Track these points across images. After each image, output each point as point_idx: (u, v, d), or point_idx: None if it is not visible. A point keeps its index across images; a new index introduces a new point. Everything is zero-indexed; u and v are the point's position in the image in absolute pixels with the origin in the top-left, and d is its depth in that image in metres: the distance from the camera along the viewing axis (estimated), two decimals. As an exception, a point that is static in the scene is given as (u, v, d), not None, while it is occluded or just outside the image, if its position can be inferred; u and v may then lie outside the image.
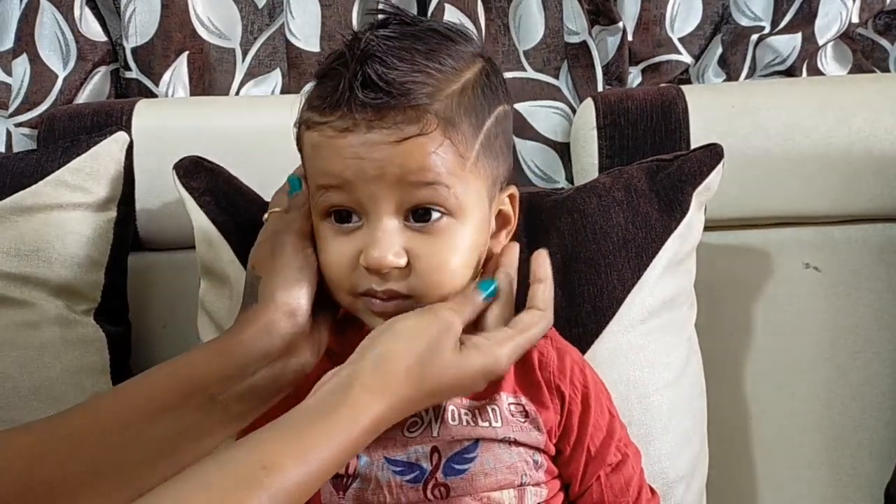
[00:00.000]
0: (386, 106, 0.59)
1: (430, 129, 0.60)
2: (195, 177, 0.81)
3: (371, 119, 0.59)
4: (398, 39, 0.62)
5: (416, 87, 0.60)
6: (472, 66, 0.65)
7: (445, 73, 0.62)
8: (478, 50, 0.67)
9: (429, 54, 0.62)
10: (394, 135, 0.59)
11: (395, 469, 0.63)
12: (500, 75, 0.68)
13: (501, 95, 0.67)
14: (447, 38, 0.64)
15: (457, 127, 0.61)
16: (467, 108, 0.62)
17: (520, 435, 0.65)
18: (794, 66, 1.05)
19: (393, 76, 0.59)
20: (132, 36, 1.03)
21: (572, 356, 0.69)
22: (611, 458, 0.68)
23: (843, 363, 0.96)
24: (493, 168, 0.64)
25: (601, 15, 1.04)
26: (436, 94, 0.61)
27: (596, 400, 0.68)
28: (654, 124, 0.93)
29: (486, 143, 0.63)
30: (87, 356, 0.84)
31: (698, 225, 0.83)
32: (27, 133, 1.02)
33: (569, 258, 0.79)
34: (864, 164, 0.93)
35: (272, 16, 1.07)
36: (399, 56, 0.61)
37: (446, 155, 0.61)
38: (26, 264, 0.82)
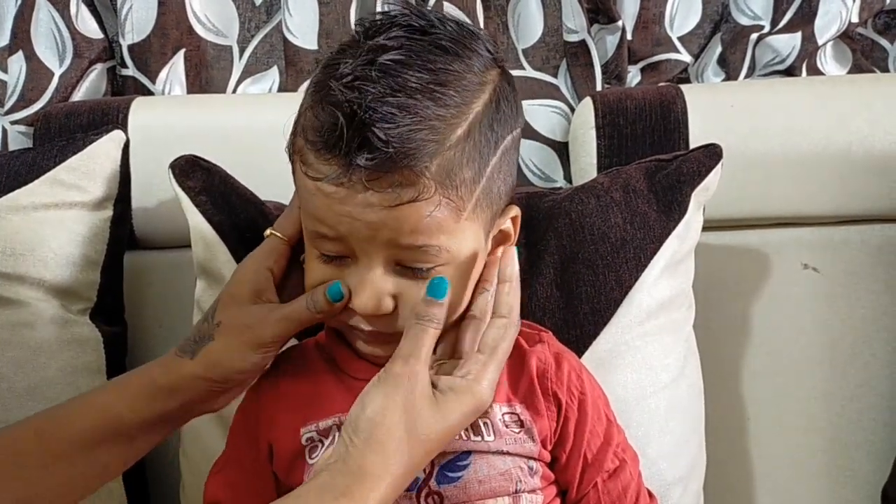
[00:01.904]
0: (383, 169, 0.57)
1: (427, 194, 0.58)
2: (191, 176, 0.81)
3: (368, 179, 0.57)
4: (402, 72, 0.58)
5: (416, 148, 0.57)
6: (482, 94, 0.61)
7: (450, 118, 0.59)
8: (488, 61, 0.63)
9: (434, 94, 0.58)
10: (389, 199, 0.57)
11: None
12: (512, 94, 0.65)
13: (512, 121, 0.64)
14: (456, 58, 0.60)
15: (456, 180, 0.59)
16: (470, 154, 0.60)
17: (513, 447, 0.64)
18: (794, 66, 1.04)
19: (394, 136, 0.56)
20: (129, 33, 1.03)
21: (570, 361, 0.69)
22: (608, 465, 0.67)
23: (841, 364, 0.96)
24: (496, 204, 0.63)
25: (600, 13, 1.03)
26: (437, 150, 0.58)
27: (593, 406, 0.68)
28: (652, 123, 0.93)
29: (488, 185, 0.61)
30: (82, 356, 0.83)
31: (697, 225, 0.83)
32: (23, 131, 1.02)
33: (567, 259, 0.79)
34: (863, 165, 0.93)
35: (270, 13, 1.06)
36: (402, 105, 0.57)
37: (441, 214, 0.59)
38: (22, 263, 0.81)
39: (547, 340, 0.69)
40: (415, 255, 0.60)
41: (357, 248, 0.60)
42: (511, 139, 0.64)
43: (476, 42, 0.63)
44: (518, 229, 0.68)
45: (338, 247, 0.61)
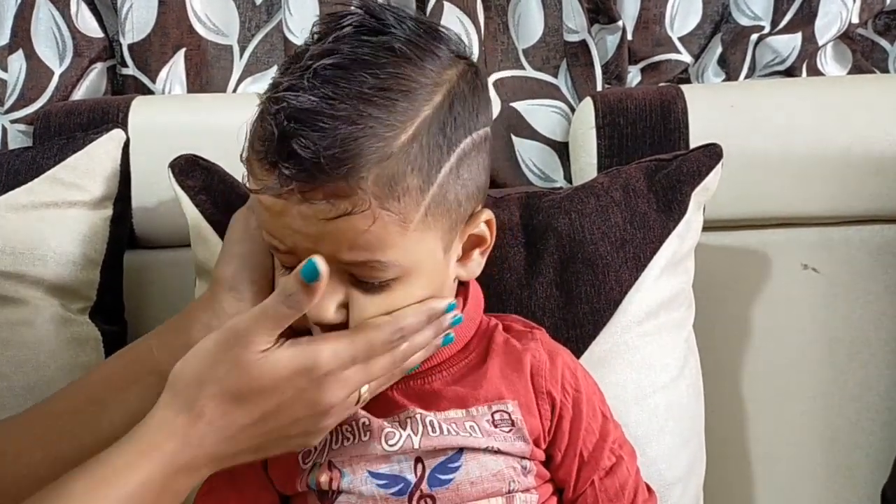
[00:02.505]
0: (315, 181, 0.54)
1: (362, 207, 0.55)
2: (190, 175, 0.80)
3: (303, 190, 0.55)
4: (340, 77, 0.55)
5: (347, 156, 0.54)
6: (434, 96, 0.58)
7: (392, 122, 0.56)
8: (447, 61, 0.60)
9: (375, 99, 0.55)
10: (324, 211, 0.55)
11: (379, 483, 0.62)
12: (472, 94, 0.61)
13: (470, 122, 0.60)
14: (406, 60, 0.57)
15: (399, 190, 0.56)
16: (416, 161, 0.56)
17: (503, 445, 0.64)
18: (794, 66, 1.04)
19: (321, 146, 0.53)
20: (129, 32, 1.03)
21: (564, 359, 0.68)
22: (604, 463, 0.67)
23: (841, 364, 0.96)
24: (454, 211, 0.60)
25: (601, 13, 1.03)
26: (374, 159, 0.55)
27: (588, 403, 0.67)
28: (653, 124, 0.93)
29: (439, 193, 0.58)
30: (82, 355, 0.83)
31: (697, 225, 0.83)
32: (23, 130, 1.02)
33: (566, 259, 0.79)
34: (863, 165, 0.93)
35: (270, 13, 1.06)
36: (332, 112, 0.54)
37: (382, 228, 0.56)
38: (21, 262, 0.81)
39: (540, 338, 0.69)
40: (362, 271, 0.58)
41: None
42: (471, 141, 0.61)
43: (434, 42, 0.60)
44: (494, 234, 0.66)
45: (291, 258, 0.60)
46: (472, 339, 0.68)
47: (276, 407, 0.57)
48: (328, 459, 0.63)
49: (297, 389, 0.57)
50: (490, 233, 0.66)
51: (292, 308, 0.56)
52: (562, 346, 0.70)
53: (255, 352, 0.56)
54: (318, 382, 0.57)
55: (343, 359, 0.58)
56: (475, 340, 0.68)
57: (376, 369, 0.59)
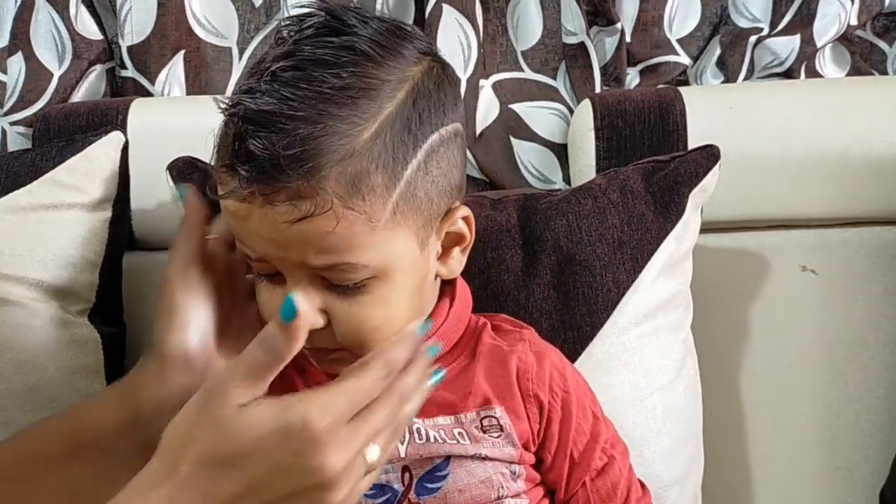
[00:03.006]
0: (277, 183, 0.53)
1: (324, 208, 0.54)
2: (189, 177, 0.81)
3: (265, 192, 0.54)
4: (299, 79, 0.54)
5: (307, 156, 0.53)
6: (397, 93, 0.57)
7: (354, 120, 0.55)
8: (412, 58, 0.59)
9: (335, 98, 0.54)
10: (287, 214, 0.54)
11: (366, 493, 0.59)
12: (437, 90, 0.60)
13: (437, 118, 0.59)
14: (368, 59, 0.57)
15: (364, 189, 0.55)
16: (381, 156, 0.55)
17: (491, 451, 0.63)
18: (793, 68, 1.04)
19: (279, 146, 0.52)
20: (128, 34, 1.03)
21: (552, 359, 0.67)
22: (596, 463, 0.66)
23: (839, 366, 0.96)
24: (425, 208, 0.59)
25: (599, 16, 1.04)
26: (335, 158, 0.54)
27: (578, 404, 0.66)
28: (651, 125, 0.93)
29: (407, 189, 0.57)
30: (81, 357, 0.83)
31: (694, 227, 0.83)
32: (22, 132, 1.02)
33: (564, 260, 0.79)
34: (862, 167, 0.93)
35: (269, 15, 1.06)
36: (291, 112, 0.53)
37: (348, 229, 0.55)
38: (21, 264, 0.81)
39: (528, 339, 0.68)
40: (333, 274, 0.57)
41: (279, 266, 0.58)
42: (439, 137, 0.59)
43: (399, 40, 0.59)
44: (473, 231, 0.65)
45: (265, 266, 0.59)
46: (461, 340, 0.67)
47: (266, 475, 0.50)
48: None
49: (289, 454, 0.50)
50: (469, 230, 0.64)
51: (271, 355, 0.51)
52: (550, 346, 0.69)
53: (232, 407, 0.51)
54: (313, 444, 0.50)
55: (336, 411, 0.51)
56: (463, 342, 0.67)
57: (378, 420, 0.53)
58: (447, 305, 0.67)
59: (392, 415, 0.54)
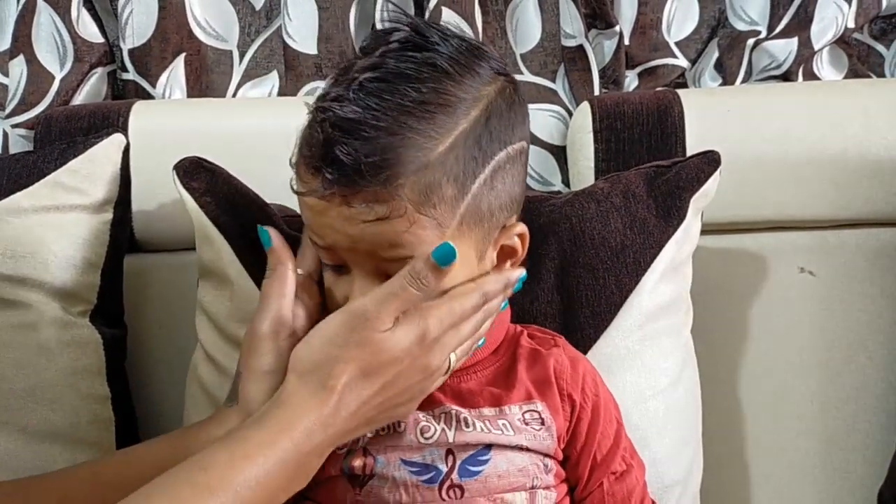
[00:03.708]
0: (356, 186, 0.58)
1: (399, 212, 0.58)
2: (195, 177, 0.81)
3: (344, 194, 0.58)
4: (384, 90, 0.58)
5: (387, 164, 0.57)
6: (472, 111, 0.61)
7: (430, 133, 0.59)
8: (487, 77, 0.63)
9: (415, 111, 0.58)
10: (364, 214, 0.58)
11: (412, 469, 0.64)
12: (509, 109, 0.64)
13: (505, 135, 0.63)
14: (447, 76, 0.60)
15: (435, 198, 0.59)
16: (452, 171, 0.59)
17: (532, 442, 0.66)
18: (790, 71, 1.05)
19: (362, 154, 0.57)
20: (129, 37, 1.03)
21: (584, 365, 0.71)
22: (615, 467, 0.69)
23: (837, 367, 0.96)
24: (487, 221, 0.62)
25: (598, 18, 1.04)
26: (412, 168, 0.58)
27: (605, 409, 0.70)
28: (650, 128, 0.93)
29: (473, 202, 0.61)
30: (83, 358, 0.83)
31: (695, 231, 0.84)
32: (24, 134, 1.02)
33: (567, 263, 0.80)
34: (859, 169, 0.93)
35: (269, 18, 1.07)
36: (374, 122, 0.57)
37: (421, 231, 0.59)
38: (23, 266, 0.81)
39: (562, 345, 0.71)
40: (398, 267, 0.60)
41: (345, 257, 0.62)
42: (506, 154, 0.63)
43: (476, 59, 0.63)
44: (526, 246, 0.68)
45: (332, 256, 0.63)
46: (502, 344, 0.71)
47: (395, 376, 0.59)
48: (363, 446, 0.65)
49: (412, 357, 0.59)
50: (522, 245, 0.68)
51: (420, 290, 0.59)
52: (581, 354, 0.73)
53: (381, 331, 0.58)
54: (428, 348, 0.60)
55: (445, 324, 0.61)
56: (504, 346, 0.71)
57: (465, 333, 0.62)
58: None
59: (474, 332, 0.63)
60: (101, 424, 0.83)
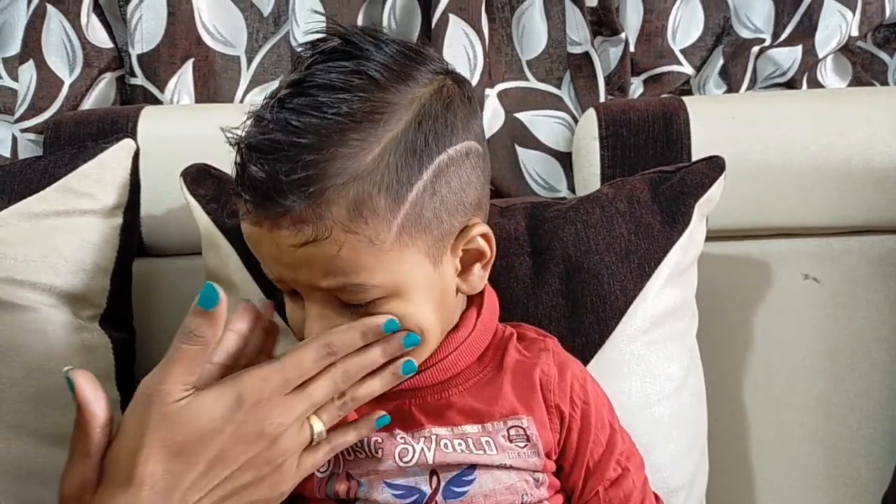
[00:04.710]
0: (280, 207, 0.55)
1: (325, 233, 0.55)
2: (202, 184, 0.81)
3: (270, 217, 0.56)
4: (306, 105, 0.55)
5: (309, 181, 0.54)
6: (404, 115, 0.57)
7: (357, 144, 0.55)
8: (426, 82, 0.59)
9: (339, 123, 0.55)
10: (291, 238, 0.55)
11: (395, 493, 0.63)
12: (450, 111, 0.60)
13: (451, 136, 0.60)
14: (375, 84, 0.57)
15: (366, 212, 0.55)
16: (384, 179, 0.56)
17: (516, 461, 0.64)
18: (795, 79, 1.05)
19: (282, 173, 0.54)
20: (138, 43, 1.04)
21: (573, 370, 0.69)
22: (610, 474, 0.68)
23: (841, 373, 0.97)
24: (434, 227, 0.59)
25: (604, 26, 1.05)
26: (338, 181, 0.55)
27: (597, 415, 0.68)
28: (655, 135, 0.94)
29: (413, 211, 0.57)
30: (92, 362, 0.84)
31: (700, 236, 0.84)
32: (33, 139, 1.02)
33: (572, 268, 0.80)
34: (863, 176, 0.94)
35: (277, 24, 1.07)
36: (294, 140, 0.54)
37: (352, 252, 0.56)
38: (33, 270, 0.81)
39: (552, 349, 0.69)
40: (345, 295, 0.58)
41: (294, 287, 0.60)
42: (447, 157, 0.59)
43: (412, 62, 0.60)
44: (493, 247, 0.65)
45: (285, 286, 0.61)
46: (487, 349, 0.68)
47: (219, 452, 0.54)
48: (345, 471, 0.64)
49: (234, 426, 0.54)
50: (489, 246, 0.65)
51: (196, 343, 0.53)
52: (572, 357, 0.71)
53: (173, 402, 0.53)
54: (253, 413, 0.54)
55: (272, 384, 0.55)
56: (490, 351, 0.68)
57: (318, 395, 0.57)
58: (474, 315, 0.68)
59: (335, 391, 0.57)
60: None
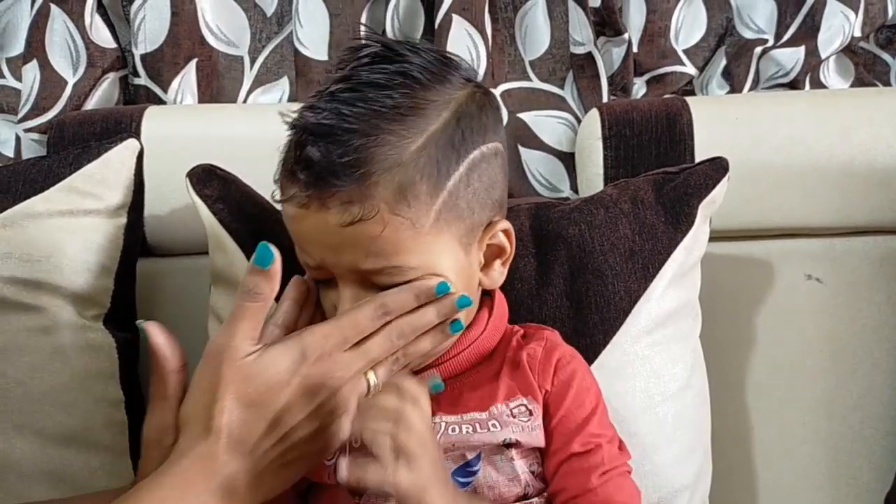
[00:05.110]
0: (331, 187, 0.59)
1: (372, 213, 0.59)
2: (208, 184, 0.81)
3: (321, 197, 0.59)
4: (356, 98, 0.60)
5: (359, 163, 0.58)
6: (443, 113, 0.63)
7: (403, 134, 0.60)
8: (459, 84, 0.65)
9: (386, 115, 0.60)
10: (339, 217, 0.59)
11: None
12: (479, 112, 0.65)
13: (483, 135, 0.64)
14: (417, 83, 0.62)
15: (409, 196, 0.60)
16: (426, 167, 0.60)
17: (521, 435, 0.65)
18: (797, 79, 1.06)
19: (335, 154, 0.58)
20: (141, 43, 1.04)
21: (562, 353, 0.69)
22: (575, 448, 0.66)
23: (844, 373, 0.97)
24: (467, 217, 0.63)
25: (607, 26, 1.05)
26: (385, 164, 0.59)
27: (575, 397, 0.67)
28: (658, 135, 0.94)
29: (450, 199, 0.62)
30: (96, 361, 0.84)
31: (703, 237, 0.84)
32: (36, 138, 1.03)
33: (576, 269, 0.80)
34: (866, 177, 0.94)
35: (280, 24, 1.07)
36: (346, 125, 0.59)
37: (395, 234, 0.60)
38: (38, 270, 0.82)
39: (547, 337, 0.70)
40: (382, 278, 0.61)
41: (334, 272, 0.62)
42: (480, 153, 0.64)
43: (446, 68, 0.65)
44: (513, 244, 0.69)
45: (322, 273, 0.64)
46: (497, 347, 0.70)
47: (286, 403, 0.57)
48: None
49: (299, 378, 0.57)
50: (510, 243, 0.68)
51: (256, 300, 0.57)
52: (570, 347, 0.71)
53: (245, 356, 0.57)
54: (316, 366, 0.58)
55: (332, 341, 0.59)
56: (500, 350, 0.70)
57: (374, 352, 0.60)
58: (486, 316, 0.70)
59: (391, 348, 0.61)
60: (116, 428, 0.84)
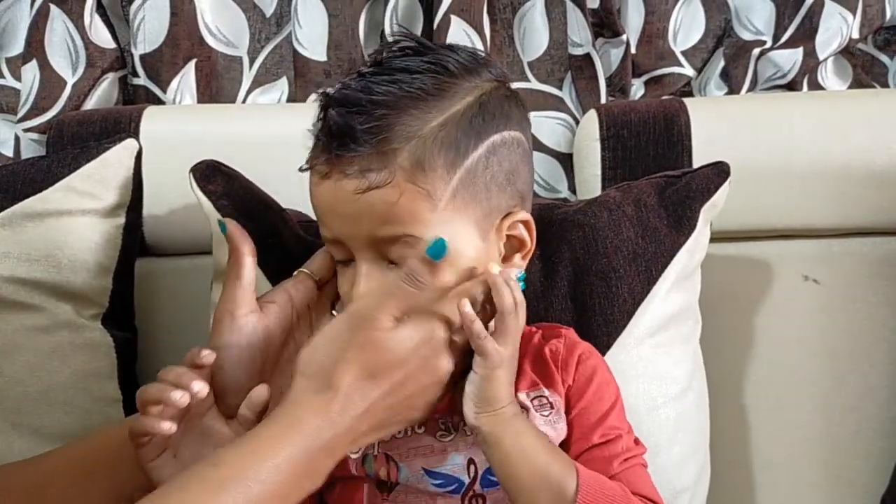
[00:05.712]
0: (351, 153, 0.61)
1: (387, 180, 0.60)
2: (212, 180, 0.81)
3: (342, 165, 0.61)
4: (385, 78, 0.62)
5: (380, 130, 0.60)
6: (467, 97, 0.64)
7: (425, 110, 0.62)
8: (488, 78, 0.66)
9: (412, 94, 0.62)
10: (357, 183, 0.61)
11: (435, 482, 0.64)
12: (503, 100, 0.66)
13: (506, 122, 0.66)
14: (446, 71, 0.64)
15: (426, 167, 0.61)
16: (444, 143, 0.62)
17: (544, 427, 0.65)
18: (795, 81, 1.06)
19: (359, 121, 0.60)
20: (140, 43, 1.04)
21: (584, 349, 0.70)
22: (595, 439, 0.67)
23: (841, 374, 0.97)
24: (484, 199, 0.64)
25: (605, 27, 1.05)
26: (405, 134, 0.61)
27: (596, 390, 0.68)
28: (656, 136, 0.94)
29: (467, 177, 0.62)
30: (94, 361, 0.84)
31: (704, 240, 0.84)
32: (35, 138, 1.03)
33: (580, 271, 0.80)
34: (863, 178, 0.94)
35: (279, 24, 1.08)
36: (372, 98, 0.61)
37: (412, 202, 0.61)
38: (36, 269, 0.82)
39: (565, 334, 0.71)
40: (398, 249, 0.62)
41: (350, 247, 0.63)
42: (500, 138, 0.65)
43: (479, 65, 0.66)
44: (534, 238, 0.68)
45: (341, 251, 0.65)
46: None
47: (404, 378, 0.59)
48: (382, 452, 0.65)
49: (421, 359, 0.60)
50: (530, 236, 0.68)
51: (416, 287, 0.59)
52: (587, 343, 0.72)
53: (382, 331, 0.59)
54: (438, 350, 0.60)
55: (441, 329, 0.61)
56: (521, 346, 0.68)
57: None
58: None
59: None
60: (114, 427, 0.84)
